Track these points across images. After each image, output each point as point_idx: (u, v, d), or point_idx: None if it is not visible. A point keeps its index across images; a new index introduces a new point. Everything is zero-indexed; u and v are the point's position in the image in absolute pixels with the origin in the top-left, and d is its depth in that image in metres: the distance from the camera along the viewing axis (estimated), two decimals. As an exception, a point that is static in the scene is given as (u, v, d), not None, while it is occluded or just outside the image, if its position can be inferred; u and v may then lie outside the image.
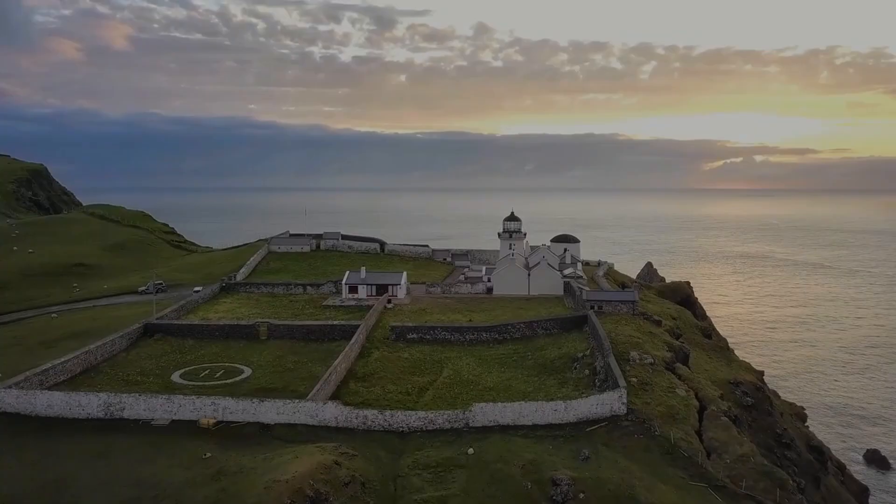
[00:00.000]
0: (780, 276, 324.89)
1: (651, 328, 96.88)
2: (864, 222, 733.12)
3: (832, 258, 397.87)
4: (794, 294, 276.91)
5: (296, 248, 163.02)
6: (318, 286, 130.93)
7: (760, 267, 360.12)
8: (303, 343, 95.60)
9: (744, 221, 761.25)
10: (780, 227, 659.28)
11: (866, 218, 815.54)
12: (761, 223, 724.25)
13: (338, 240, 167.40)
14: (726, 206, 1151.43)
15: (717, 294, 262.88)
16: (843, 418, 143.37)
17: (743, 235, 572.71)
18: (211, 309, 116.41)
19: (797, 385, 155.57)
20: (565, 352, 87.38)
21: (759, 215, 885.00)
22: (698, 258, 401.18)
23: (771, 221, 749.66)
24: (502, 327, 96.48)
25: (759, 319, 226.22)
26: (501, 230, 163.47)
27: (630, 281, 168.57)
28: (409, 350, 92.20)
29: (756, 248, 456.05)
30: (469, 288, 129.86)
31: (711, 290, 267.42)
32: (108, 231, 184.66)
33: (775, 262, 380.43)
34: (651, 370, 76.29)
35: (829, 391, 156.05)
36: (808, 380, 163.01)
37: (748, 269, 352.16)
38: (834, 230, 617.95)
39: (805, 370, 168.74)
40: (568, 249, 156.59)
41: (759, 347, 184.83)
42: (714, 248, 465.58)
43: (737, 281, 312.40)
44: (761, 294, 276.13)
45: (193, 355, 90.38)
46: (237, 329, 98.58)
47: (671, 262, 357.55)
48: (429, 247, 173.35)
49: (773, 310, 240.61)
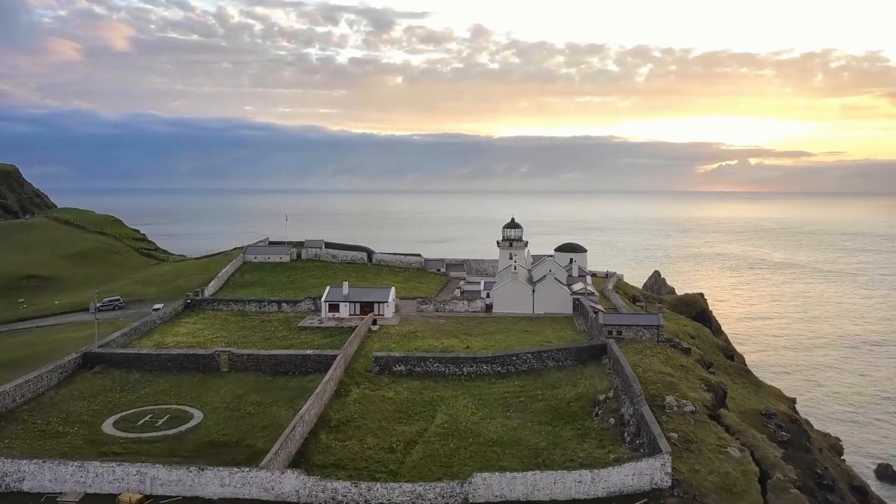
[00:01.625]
0: (783, 281, 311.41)
1: (680, 359, 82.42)
2: (866, 225, 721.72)
3: (838, 262, 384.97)
4: (804, 301, 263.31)
5: (274, 258, 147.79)
6: (295, 303, 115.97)
7: (761, 271, 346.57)
8: (269, 378, 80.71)
9: (740, 224, 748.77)
10: (794, 232, 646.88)
11: (866, 221, 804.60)
12: (757, 226, 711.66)
13: (320, 248, 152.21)
14: (722, 209, 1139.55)
15: (721, 301, 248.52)
16: (880, 446, 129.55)
17: (740, 238, 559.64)
18: (170, 331, 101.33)
19: (830, 411, 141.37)
20: (583, 391, 72.71)
21: (756, 218, 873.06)
22: (697, 262, 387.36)
23: (764, 225, 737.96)
24: (506, 358, 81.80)
25: (773, 331, 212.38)
26: (500, 238, 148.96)
27: (641, 294, 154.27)
28: (395, 387, 77.38)
29: (755, 252, 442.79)
30: (466, 305, 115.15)
31: (716, 297, 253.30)
32: (72, 238, 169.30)
33: (778, 266, 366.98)
34: (693, 421, 61.71)
35: (864, 417, 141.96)
36: (837, 402, 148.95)
37: (750, 274, 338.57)
38: (847, 234, 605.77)
39: (833, 392, 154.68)
40: (574, 260, 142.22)
41: (780, 366, 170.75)
42: (712, 251, 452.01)
43: (741, 287, 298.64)
44: (768, 301, 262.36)
45: (136, 394, 75.40)
46: (193, 359, 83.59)
47: (668, 265, 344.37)
48: (421, 256, 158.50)
49: (787, 322, 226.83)
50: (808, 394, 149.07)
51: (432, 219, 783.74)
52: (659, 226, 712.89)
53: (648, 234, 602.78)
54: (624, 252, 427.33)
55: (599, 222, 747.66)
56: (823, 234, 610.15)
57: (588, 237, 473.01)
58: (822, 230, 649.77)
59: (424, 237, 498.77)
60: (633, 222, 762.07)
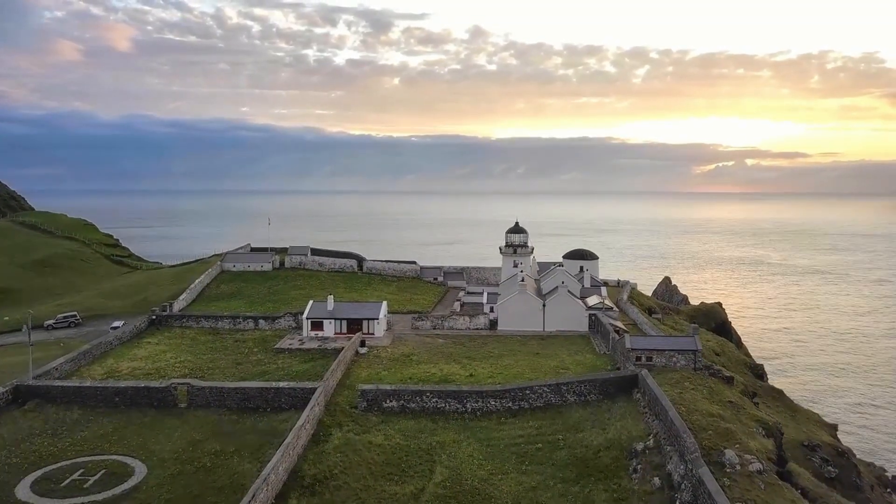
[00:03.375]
0: (788, 284, 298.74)
1: (725, 391, 69.33)
2: (866, 226, 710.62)
3: (844, 265, 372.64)
4: (816, 305, 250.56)
5: (254, 266, 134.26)
6: (274, 319, 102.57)
7: (768, 275, 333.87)
8: (235, 416, 67.36)
9: (739, 225, 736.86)
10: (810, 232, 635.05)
11: (866, 222, 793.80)
12: (756, 227, 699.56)
13: (306, 255, 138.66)
14: (721, 210, 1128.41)
15: (732, 305, 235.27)
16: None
17: (739, 239, 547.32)
18: (126, 354, 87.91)
19: (870, 437, 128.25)
20: (614, 437, 59.54)
21: (754, 219, 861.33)
22: (703, 265, 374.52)
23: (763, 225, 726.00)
24: (518, 391, 68.58)
25: (793, 342, 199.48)
26: (503, 243, 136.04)
27: (657, 305, 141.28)
28: (385, 428, 64.14)
29: (756, 253, 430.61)
30: (467, 322, 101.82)
31: (728, 304, 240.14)
32: (36, 244, 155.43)
33: (780, 267, 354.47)
34: (762, 484, 48.58)
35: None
36: (875, 423, 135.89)
37: (757, 277, 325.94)
38: (857, 235, 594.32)
39: (870, 413, 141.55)
40: (586, 269, 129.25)
41: (808, 383, 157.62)
42: (720, 254, 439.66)
43: (751, 291, 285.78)
44: (785, 308, 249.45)
45: (71, 440, 62.05)
46: (145, 393, 70.19)
47: (673, 269, 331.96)
48: (416, 264, 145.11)
49: (808, 333, 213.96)
50: (841, 414, 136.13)
51: (429, 220, 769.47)
52: (659, 227, 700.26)
53: (648, 235, 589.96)
54: (623, 254, 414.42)
55: (597, 223, 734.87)
56: (837, 236, 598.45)
57: (587, 239, 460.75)
58: (840, 232, 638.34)
59: (421, 239, 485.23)
60: (631, 223, 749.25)
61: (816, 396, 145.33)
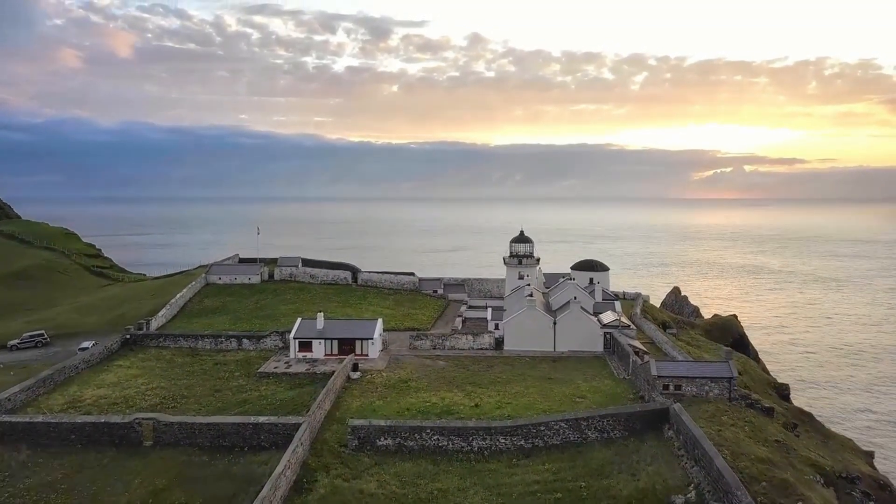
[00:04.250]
0: (795, 291, 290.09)
1: (768, 426, 60.80)
2: (868, 233, 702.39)
3: (851, 271, 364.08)
4: (830, 314, 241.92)
5: (241, 279, 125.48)
6: (259, 339, 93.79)
7: (769, 280, 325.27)
8: (207, 456, 58.62)
9: (739, 230, 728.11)
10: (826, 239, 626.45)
11: (867, 228, 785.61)
12: (756, 233, 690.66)
13: (296, 267, 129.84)
14: (719, 216, 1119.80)
15: (743, 315, 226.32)
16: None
17: (742, 246, 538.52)
18: (93, 380, 79.08)
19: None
20: (647, 486, 50.80)
21: (754, 225, 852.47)
22: (699, 272, 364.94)
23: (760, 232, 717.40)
24: (531, 428, 59.86)
25: (806, 352, 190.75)
26: (507, 254, 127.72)
27: (671, 319, 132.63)
28: (378, 472, 55.41)
29: (759, 260, 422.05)
30: (470, 341, 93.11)
31: (742, 314, 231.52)
32: (11, 255, 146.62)
33: (786, 275, 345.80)
34: (837, 555, 39.89)
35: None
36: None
37: (757, 283, 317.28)
38: (858, 241, 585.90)
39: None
40: (597, 281, 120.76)
41: (833, 404, 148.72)
42: (713, 259, 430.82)
43: (759, 299, 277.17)
44: (787, 313, 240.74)
45: (11, 490, 53.27)
46: (106, 430, 61.40)
47: (676, 277, 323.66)
48: (415, 275, 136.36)
49: (824, 344, 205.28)
50: (871, 436, 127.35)
51: (427, 227, 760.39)
52: (658, 233, 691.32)
53: (647, 241, 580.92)
54: (624, 261, 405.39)
55: (596, 230, 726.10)
56: (839, 242, 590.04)
57: (587, 246, 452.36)
58: (843, 238, 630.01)
59: (419, 247, 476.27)
60: (631, 230, 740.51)
61: (843, 416, 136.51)
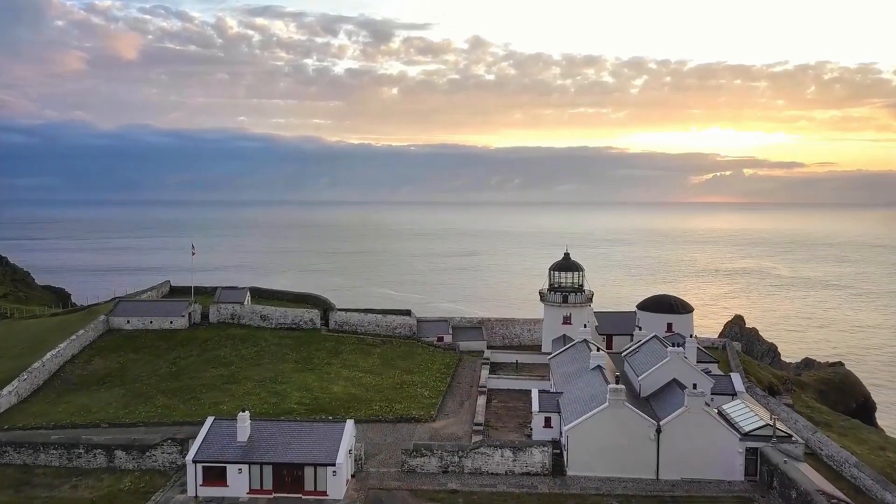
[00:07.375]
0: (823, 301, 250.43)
1: None
2: (872, 237, 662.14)
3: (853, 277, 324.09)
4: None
5: (159, 322, 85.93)
6: (145, 450, 54.64)
7: (798, 290, 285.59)
8: None
9: (739, 235, 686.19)
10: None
11: (870, 232, 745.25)
12: (758, 237, 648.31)
13: (242, 304, 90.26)
14: (720, 220, 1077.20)
15: (823, 351, 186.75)
16: None
17: (746, 250, 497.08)
18: None
19: None
20: None
21: (755, 229, 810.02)
22: (708, 279, 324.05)
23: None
24: None
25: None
26: (546, 286, 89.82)
27: (776, 378, 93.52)
28: None
29: (764, 265, 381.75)
30: (509, 461, 53.78)
31: (808, 343, 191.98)
32: None
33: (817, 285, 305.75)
34: None
35: None
36: None
37: (826, 300, 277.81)
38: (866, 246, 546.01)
39: None
40: (674, 327, 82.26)
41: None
42: (717, 264, 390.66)
43: (835, 323, 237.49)
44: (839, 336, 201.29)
45: None
46: None
47: (671, 282, 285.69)
48: (411, 314, 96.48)
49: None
50: None
51: (427, 230, 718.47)
52: (660, 238, 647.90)
53: (648, 245, 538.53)
54: (623, 266, 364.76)
55: (598, 234, 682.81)
56: (842, 245, 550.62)
57: (586, 250, 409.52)
58: (846, 241, 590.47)
59: (418, 252, 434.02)
60: (632, 234, 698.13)
61: None
